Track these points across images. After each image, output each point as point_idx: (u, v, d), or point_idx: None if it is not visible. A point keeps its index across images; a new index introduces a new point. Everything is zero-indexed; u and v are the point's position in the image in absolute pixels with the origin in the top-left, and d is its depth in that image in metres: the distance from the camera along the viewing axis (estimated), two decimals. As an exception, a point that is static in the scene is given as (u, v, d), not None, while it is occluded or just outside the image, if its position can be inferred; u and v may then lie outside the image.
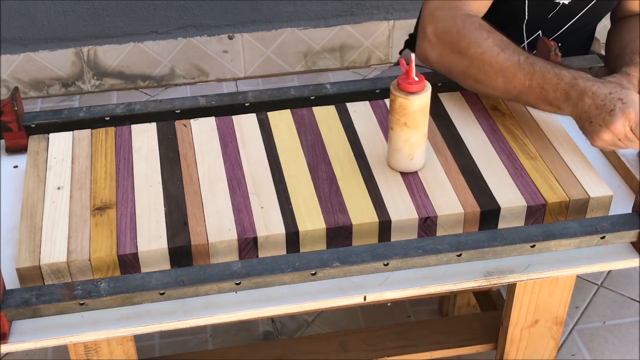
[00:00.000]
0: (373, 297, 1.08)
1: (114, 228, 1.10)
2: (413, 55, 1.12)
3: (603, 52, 1.52)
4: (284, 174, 1.19)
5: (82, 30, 2.52)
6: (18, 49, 2.51)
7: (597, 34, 1.66)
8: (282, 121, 1.30)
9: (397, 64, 1.25)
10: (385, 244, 1.08)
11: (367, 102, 1.33)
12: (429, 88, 1.14)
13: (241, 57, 2.64)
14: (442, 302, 1.81)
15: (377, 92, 1.37)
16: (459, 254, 1.07)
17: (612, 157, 1.26)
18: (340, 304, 1.08)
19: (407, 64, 1.13)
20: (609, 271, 1.95)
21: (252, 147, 1.24)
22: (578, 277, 1.92)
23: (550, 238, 1.09)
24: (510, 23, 1.47)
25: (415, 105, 1.13)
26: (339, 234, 1.10)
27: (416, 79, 1.12)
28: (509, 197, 1.14)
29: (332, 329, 1.80)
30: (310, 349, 1.45)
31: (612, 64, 1.38)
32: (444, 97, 1.34)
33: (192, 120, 1.30)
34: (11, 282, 1.06)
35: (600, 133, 1.15)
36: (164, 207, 1.13)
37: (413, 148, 1.16)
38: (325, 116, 1.30)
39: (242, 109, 1.34)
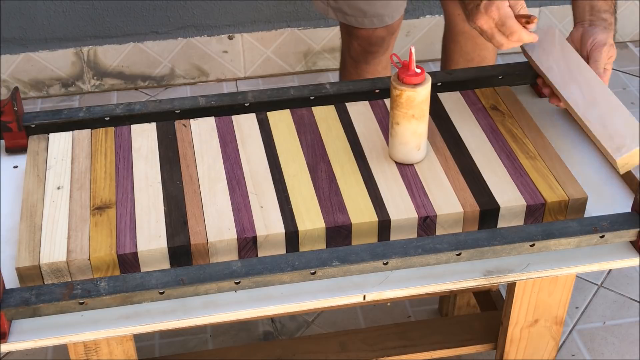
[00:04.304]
0: (372, 296, 1.08)
1: (113, 228, 1.10)
2: (413, 48, 1.13)
3: None
4: (283, 173, 1.19)
5: (82, 30, 2.52)
6: (18, 49, 2.51)
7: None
8: (281, 121, 1.30)
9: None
10: (384, 243, 1.08)
11: (366, 102, 1.34)
12: (429, 77, 1.16)
13: (241, 57, 2.64)
14: (442, 302, 1.81)
15: (376, 92, 1.37)
16: (458, 253, 1.07)
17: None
18: (339, 303, 1.08)
19: (399, 60, 1.15)
20: (609, 271, 1.95)
21: (252, 147, 1.24)
22: (578, 277, 1.91)
23: (549, 237, 1.09)
24: None
25: (422, 95, 1.15)
26: (339, 233, 1.11)
27: (417, 70, 1.14)
28: (508, 196, 1.14)
29: (332, 329, 1.80)
30: (310, 349, 1.45)
31: None
32: (443, 97, 1.35)
33: (191, 120, 1.30)
34: (11, 281, 1.06)
35: (471, 23, 1.19)
36: (164, 206, 1.13)
37: (420, 138, 1.19)
38: (325, 116, 1.31)
39: (242, 109, 1.34)
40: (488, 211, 1.13)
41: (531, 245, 1.09)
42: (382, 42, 1.77)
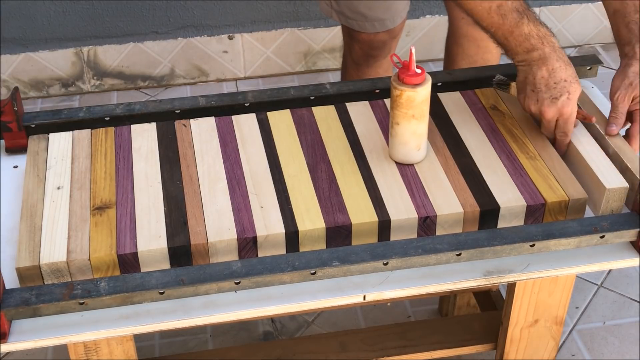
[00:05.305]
0: (373, 296, 1.08)
1: (113, 228, 1.10)
2: (413, 49, 1.13)
3: None
4: (283, 173, 1.19)
5: (82, 30, 2.52)
6: (18, 49, 2.51)
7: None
8: (281, 121, 1.30)
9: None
10: (384, 243, 1.08)
11: (366, 102, 1.34)
12: (429, 77, 1.16)
13: (241, 57, 2.64)
14: (442, 302, 1.81)
15: (376, 92, 1.37)
16: (458, 253, 1.07)
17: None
18: (339, 303, 1.08)
19: (399, 60, 1.15)
20: (609, 271, 1.95)
21: (252, 147, 1.24)
22: (578, 277, 1.91)
23: (549, 237, 1.09)
24: None
25: (422, 96, 1.15)
26: (339, 233, 1.10)
27: (418, 70, 1.14)
28: (508, 196, 1.14)
29: (332, 329, 1.80)
30: (310, 349, 1.45)
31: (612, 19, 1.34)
32: (443, 97, 1.34)
33: (191, 120, 1.30)
34: (11, 281, 1.06)
35: (532, 105, 1.21)
36: (164, 206, 1.13)
37: (420, 138, 1.19)
38: (325, 116, 1.30)
39: (242, 109, 1.34)
40: (488, 211, 1.13)
41: (531, 246, 1.09)
42: (384, 46, 1.77)
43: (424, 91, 1.15)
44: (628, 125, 1.26)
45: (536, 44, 1.19)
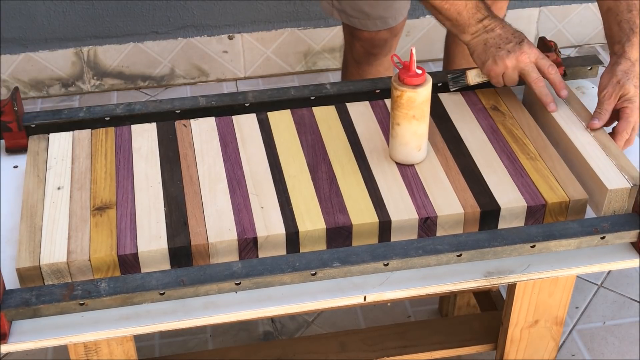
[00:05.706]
0: (373, 297, 1.08)
1: (114, 228, 1.10)
2: (413, 49, 1.13)
3: None
4: (284, 174, 1.19)
5: (82, 30, 2.52)
6: (18, 49, 2.51)
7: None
8: (282, 121, 1.30)
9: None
10: (385, 244, 1.08)
11: (367, 102, 1.34)
12: (429, 78, 1.17)
13: (241, 57, 2.64)
14: (442, 302, 1.81)
15: (377, 92, 1.37)
16: (459, 254, 1.07)
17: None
18: (340, 304, 1.08)
19: (399, 61, 1.15)
20: (609, 271, 1.95)
21: (252, 147, 1.24)
22: (578, 277, 1.91)
23: (550, 238, 1.09)
24: None
25: (422, 96, 1.15)
26: (339, 234, 1.10)
27: (418, 71, 1.14)
28: (509, 197, 1.14)
29: (332, 329, 1.80)
30: (310, 349, 1.45)
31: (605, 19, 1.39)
32: (444, 97, 1.34)
33: (192, 121, 1.30)
34: (11, 282, 1.06)
35: (506, 59, 1.26)
36: (164, 207, 1.13)
37: (421, 139, 1.19)
38: (325, 116, 1.30)
39: (242, 109, 1.34)
40: (489, 212, 1.13)
41: (532, 247, 1.09)
42: (385, 44, 1.77)
43: (425, 92, 1.15)
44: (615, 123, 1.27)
45: (485, 13, 1.30)
